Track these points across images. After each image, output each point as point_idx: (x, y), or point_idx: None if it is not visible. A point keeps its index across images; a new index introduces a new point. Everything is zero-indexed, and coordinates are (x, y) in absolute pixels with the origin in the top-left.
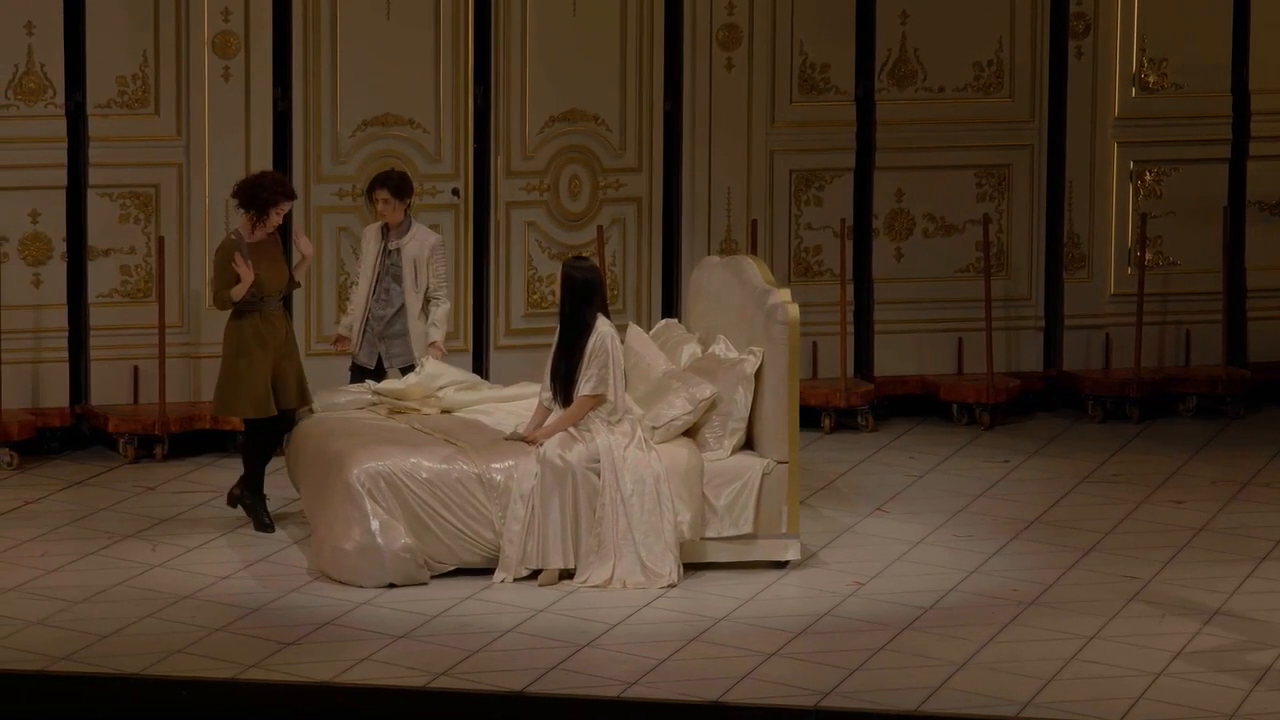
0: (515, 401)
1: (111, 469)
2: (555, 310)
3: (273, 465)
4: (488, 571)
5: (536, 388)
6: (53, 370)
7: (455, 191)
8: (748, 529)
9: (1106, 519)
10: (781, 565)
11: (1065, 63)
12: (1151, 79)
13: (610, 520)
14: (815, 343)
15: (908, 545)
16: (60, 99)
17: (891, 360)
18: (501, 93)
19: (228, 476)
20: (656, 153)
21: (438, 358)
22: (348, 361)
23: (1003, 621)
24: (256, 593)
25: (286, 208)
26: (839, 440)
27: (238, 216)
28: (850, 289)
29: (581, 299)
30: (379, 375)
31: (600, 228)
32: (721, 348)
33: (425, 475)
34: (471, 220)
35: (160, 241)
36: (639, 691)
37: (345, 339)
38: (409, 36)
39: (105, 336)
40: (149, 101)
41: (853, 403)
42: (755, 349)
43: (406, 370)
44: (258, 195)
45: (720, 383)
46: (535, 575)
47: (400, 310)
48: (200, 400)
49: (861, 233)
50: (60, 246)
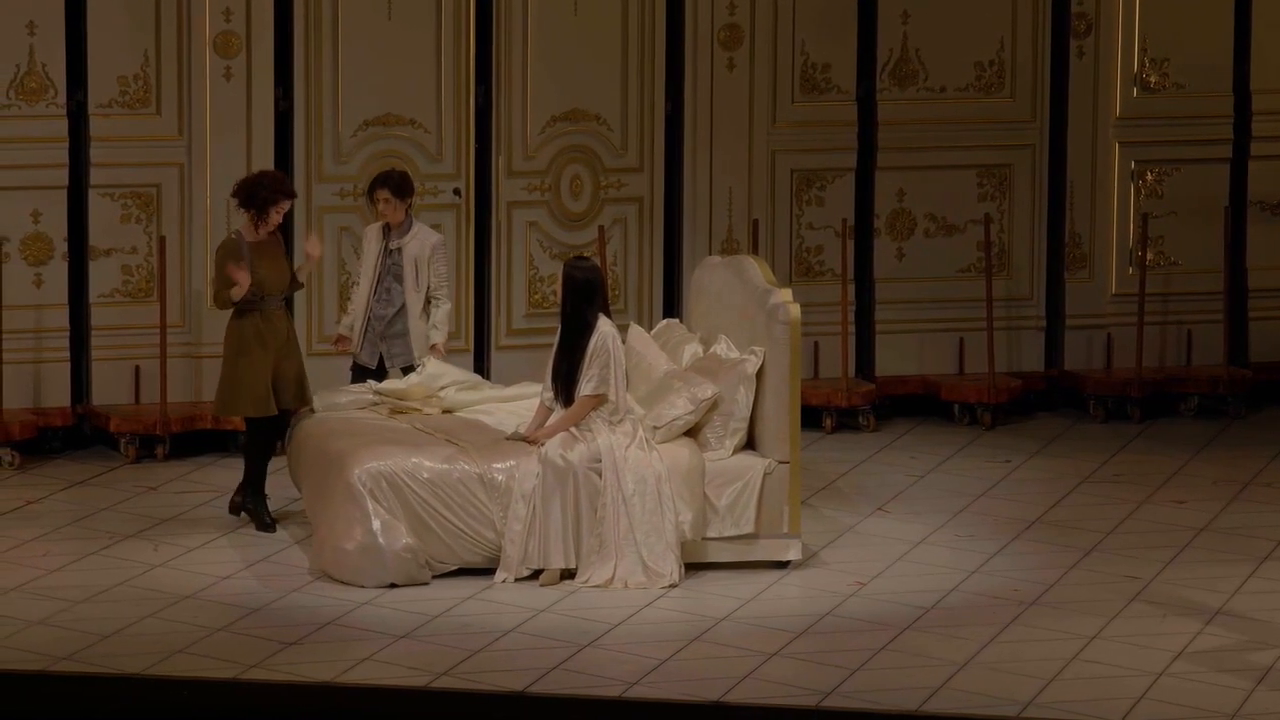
0: (516, 401)
1: (113, 469)
2: (557, 310)
3: (274, 465)
4: (489, 571)
5: (538, 388)
6: (54, 370)
7: (456, 191)
8: (749, 529)
9: (1108, 519)
10: (783, 565)
11: (1066, 62)
12: (1153, 79)
13: (611, 520)
14: (816, 343)
15: (909, 545)
16: (62, 99)
17: (893, 360)
18: (503, 92)
19: (229, 476)
20: (658, 152)
21: (438, 360)
22: (349, 361)
23: (1004, 621)
24: (258, 593)
25: (286, 206)
26: (840, 440)
27: (239, 216)
28: (851, 289)
29: (583, 299)
30: (380, 375)
31: (601, 227)
32: (723, 347)
33: (427, 475)
34: (473, 220)
35: (161, 241)
36: (640, 691)
37: (346, 339)
38: (410, 36)
39: (106, 336)
40: (150, 101)
41: (854, 403)
42: (756, 349)
43: (408, 370)
44: (257, 194)
45: (722, 382)
46: (537, 575)
47: (401, 310)
48: (202, 400)
49: (863, 232)
50: (62, 246)
